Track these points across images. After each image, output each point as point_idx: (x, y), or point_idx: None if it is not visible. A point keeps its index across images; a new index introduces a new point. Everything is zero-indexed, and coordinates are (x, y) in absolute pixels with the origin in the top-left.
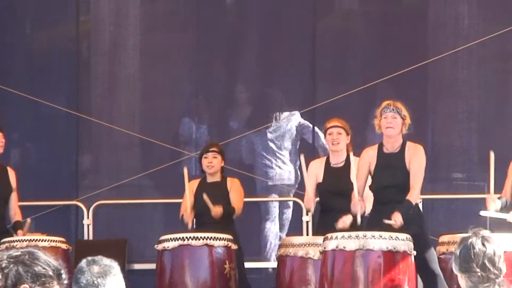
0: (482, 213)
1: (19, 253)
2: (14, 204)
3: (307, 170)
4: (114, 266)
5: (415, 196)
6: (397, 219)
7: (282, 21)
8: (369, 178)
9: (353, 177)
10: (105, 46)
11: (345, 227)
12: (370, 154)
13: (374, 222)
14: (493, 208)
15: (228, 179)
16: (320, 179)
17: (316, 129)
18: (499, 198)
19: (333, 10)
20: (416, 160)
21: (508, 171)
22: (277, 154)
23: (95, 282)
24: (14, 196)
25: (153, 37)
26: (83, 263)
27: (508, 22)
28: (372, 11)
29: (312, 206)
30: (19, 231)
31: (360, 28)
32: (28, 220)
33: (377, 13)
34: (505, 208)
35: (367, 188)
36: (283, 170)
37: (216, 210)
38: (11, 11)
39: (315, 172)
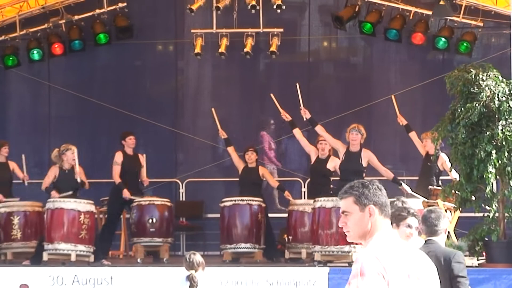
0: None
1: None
2: (143, 176)
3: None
4: None
5: (390, 173)
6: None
7: (290, 81)
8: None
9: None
10: (191, 93)
11: None
12: (341, 150)
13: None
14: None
15: (260, 167)
16: (313, 162)
17: None
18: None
19: (318, 74)
20: (373, 159)
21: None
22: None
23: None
24: (143, 171)
25: (218, 89)
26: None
27: (416, 82)
28: (341, 75)
29: None
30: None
31: (334, 85)
32: None
33: (344, 76)
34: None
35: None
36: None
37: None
38: (138, 75)
39: (312, 159)
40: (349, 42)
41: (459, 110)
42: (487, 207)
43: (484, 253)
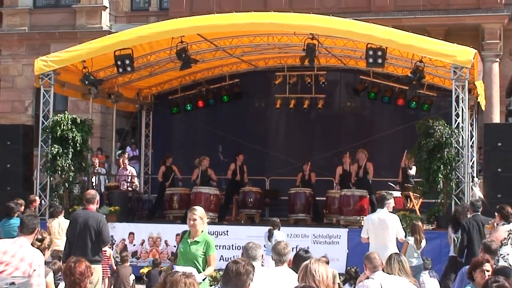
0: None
1: None
2: (245, 178)
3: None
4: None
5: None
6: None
7: (329, 124)
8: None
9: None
10: (273, 130)
11: None
12: (355, 166)
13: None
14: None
15: (312, 173)
16: (341, 172)
17: None
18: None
19: (345, 121)
20: (371, 169)
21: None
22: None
23: None
24: (245, 175)
25: (289, 127)
26: None
27: (399, 126)
28: (357, 121)
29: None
30: None
31: (353, 126)
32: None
33: (358, 122)
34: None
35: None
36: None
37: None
38: (244, 119)
39: (339, 170)
40: (362, 103)
41: (422, 142)
42: (438, 198)
43: (435, 223)
